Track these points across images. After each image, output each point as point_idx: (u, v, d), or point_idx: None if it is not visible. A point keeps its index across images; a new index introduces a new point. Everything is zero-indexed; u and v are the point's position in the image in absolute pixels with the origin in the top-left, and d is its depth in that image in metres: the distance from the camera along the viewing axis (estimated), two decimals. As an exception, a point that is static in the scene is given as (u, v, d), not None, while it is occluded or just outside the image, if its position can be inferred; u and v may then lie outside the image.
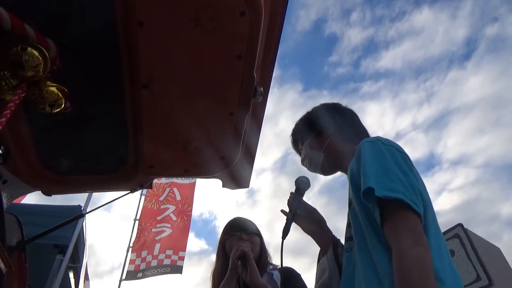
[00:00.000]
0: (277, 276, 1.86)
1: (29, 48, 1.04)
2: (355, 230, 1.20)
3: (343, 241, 1.38)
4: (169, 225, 6.81)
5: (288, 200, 1.60)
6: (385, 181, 1.08)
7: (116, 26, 1.16)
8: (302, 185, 1.61)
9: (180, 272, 6.29)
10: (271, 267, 1.95)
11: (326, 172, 1.59)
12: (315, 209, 1.61)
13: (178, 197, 7.19)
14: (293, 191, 1.62)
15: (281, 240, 1.45)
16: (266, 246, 2.05)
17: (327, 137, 1.53)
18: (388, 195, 1.03)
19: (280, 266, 1.48)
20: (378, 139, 1.25)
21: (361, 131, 1.57)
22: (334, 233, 1.54)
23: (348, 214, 1.31)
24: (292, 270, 1.92)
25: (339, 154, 1.49)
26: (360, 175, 1.16)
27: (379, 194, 1.03)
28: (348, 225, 1.28)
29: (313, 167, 1.59)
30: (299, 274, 1.91)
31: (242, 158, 1.71)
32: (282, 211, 1.58)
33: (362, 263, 1.11)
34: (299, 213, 1.57)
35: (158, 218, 6.89)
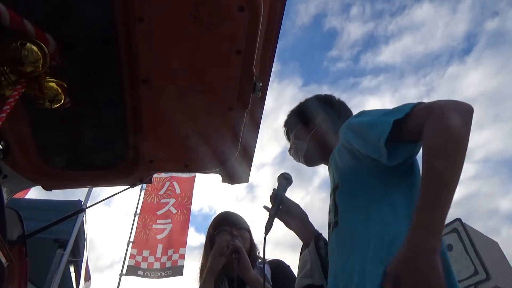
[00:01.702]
0: (267, 270, 1.87)
1: (28, 44, 1.04)
2: (345, 199, 1.23)
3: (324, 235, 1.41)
4: (169, 220, 6.81)
5: (271, 196, 1.61)
6: (391, 112, 1.10)
7: (116, 22, 1.16)
8: (284, 181, 1.62)
9: (181, 274, 6.27)
10: (260, 260, 1.97)
11: (309, 163, 1.59)
12: (297, 205, 1.62)
13: (178, 191, 7.19)
14: (276, 187, 1.62)
15: (264, 235, 1.47)
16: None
17: (313, 127, 1.54)
18: (411, 106, 1.05)
19: (267, 260, 1.50)
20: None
21: None
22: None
23: (332, 199, 1.31)
24: (281, 262, 1.93)
25: (324, 145, 1.50)
26: (361, 140, 1.16)
27: (407, 110, 1.04)
28: (334, 211, 1.29)
29: (297, 157, 1.60)
30: (289, 266, 1.93)
31: (241, 153, 1.72)
32: (265, 207, 1.59)
33: (354, 227, 1.13)
34: (282, 209, 1.58)
35: (158, 213, 6.90)
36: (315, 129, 1.53)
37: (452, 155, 0.94)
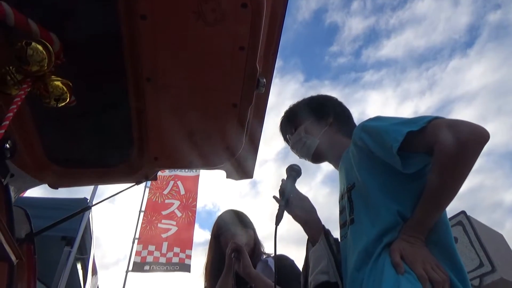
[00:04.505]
0: (272, 262, 1.89)
1: (33, 43, 1.05)
2: (361, 198, 1.25)
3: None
4: (174, 223, 6.81)
5: (280, 187, 1.57)
6: (407, 122, 1.14)
7: (119, 20, 1.17)
8: (294, 172, 1.59)
9: (189, 271, 6.31)
10: (265, 256, 1.99)
11: (316, 160, 1.59)
12: (306, 197, 1.58)
13: (182, 191, 7.17)
14: (285, 178, 1.60)
15: (274, 226, 1.43)
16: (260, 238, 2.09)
17: (326, 125, 1.54)
18: (427, 120, 1.10)
19: (273, 255, 1.50)
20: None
21: (353, 127, 1.58)
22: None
23: (344, 199, 1.32)
24: (285, 257, 1.95)
25: (333, 144, 1.51)
26: (375, 143, 1.19)
27: (422, 124, 1.09)
28: (349, 209, 1.30)
29: (305, 152, 1.58)
30: (293, 260, 1.94)
31: (245, 149, 1.72)
32: (275, 197, 1.55)
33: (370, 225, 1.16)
34: (291, 201, 1.53)
35: (163, 213, 6.90)
36: (328, 126, 1.54)
37: (452, 178, 1.07)
